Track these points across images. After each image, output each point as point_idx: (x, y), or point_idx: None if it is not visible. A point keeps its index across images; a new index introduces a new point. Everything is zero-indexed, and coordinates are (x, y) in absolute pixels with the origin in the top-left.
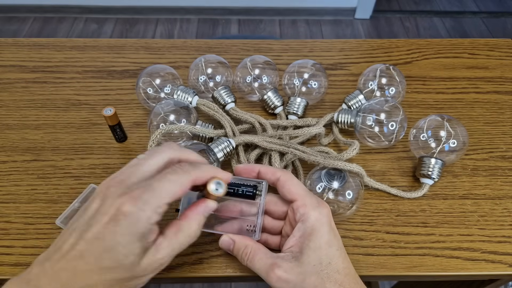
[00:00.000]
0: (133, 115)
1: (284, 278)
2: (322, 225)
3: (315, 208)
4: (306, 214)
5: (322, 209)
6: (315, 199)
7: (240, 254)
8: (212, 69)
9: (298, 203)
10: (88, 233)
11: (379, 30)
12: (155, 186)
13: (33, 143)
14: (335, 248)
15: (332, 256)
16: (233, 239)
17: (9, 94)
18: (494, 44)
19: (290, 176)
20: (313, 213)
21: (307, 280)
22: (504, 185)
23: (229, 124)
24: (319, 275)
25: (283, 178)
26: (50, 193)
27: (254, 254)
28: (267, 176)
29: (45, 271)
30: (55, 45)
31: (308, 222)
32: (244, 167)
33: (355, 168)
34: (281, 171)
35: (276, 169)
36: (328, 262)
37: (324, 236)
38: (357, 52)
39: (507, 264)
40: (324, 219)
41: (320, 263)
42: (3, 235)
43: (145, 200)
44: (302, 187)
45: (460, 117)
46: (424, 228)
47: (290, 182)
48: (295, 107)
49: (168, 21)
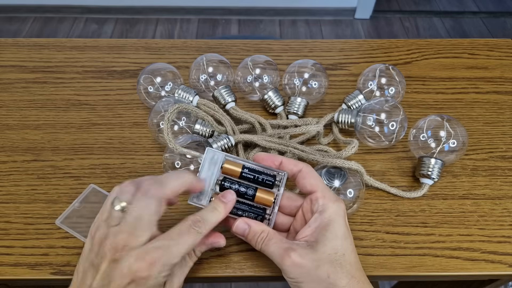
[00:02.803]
0: (133, 115)
1: (299, 263)
2: (339, 217)
3: (334, 201)
4: (325, 205)
5: (340, 204)
6: (333, 194)
7: (256, 238)
8: (213, 68)
9: (317, 194)
10: None
11: (379, 30)
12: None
13: (33, 143)
14: (349, 242)
15: (347, 248)
16: (249, 224)
17: (9, 94)
18: (494, 44)
19: (312, 169)
20: (332, 205)
21: (321, 268)
22: (504, 185)
23: (229, 123)
24: (333, 264)
25: (305, 169)
26: (50, 193)
27: (270, 238)
28: (289, 167)
29: None
30: (55, 45)
31: (327, 213)
32: (267, 155)
33: (354, 165)
34: (303, 163)
35: (298, 161)
36: (343, 253)
37: (341, 228)
38: (357, 52)
39: (506, 264)
40: (341, 212)
41: (335, 253)
42: (3, 235)
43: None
44: (322, 181)
45: (460, 117)
46: (424, 228)
47: (312, 174)
48: (296, 107)
49: (168, 21)
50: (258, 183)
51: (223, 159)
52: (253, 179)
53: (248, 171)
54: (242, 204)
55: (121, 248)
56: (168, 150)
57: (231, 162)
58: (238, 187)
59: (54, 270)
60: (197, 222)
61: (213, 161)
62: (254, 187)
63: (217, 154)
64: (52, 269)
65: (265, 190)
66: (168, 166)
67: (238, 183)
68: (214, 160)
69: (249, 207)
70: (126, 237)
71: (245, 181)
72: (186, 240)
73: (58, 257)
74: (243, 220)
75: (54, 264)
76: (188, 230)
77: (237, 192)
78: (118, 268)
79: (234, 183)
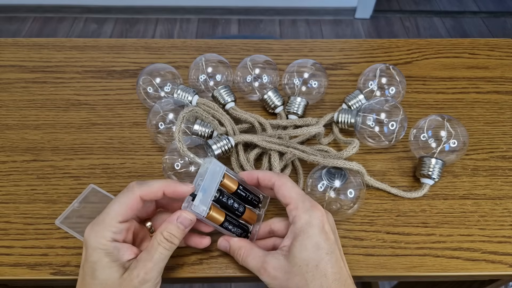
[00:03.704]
0: (133, 115)
1: (272, 275)
2: (310, 227)
3: (306, 211)
4: (296, 217)
5: (314, 212)
6: (308, 202)
7: (235, 255)
8: (212, 68)
9: (290, 206)
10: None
11: (379, 30)
12: (106, 210)
13: (32, 143)
14: (324, 251)
15: (320, 259)
16: (229, 241)
17: (9, 94)
18: (494, 44)
19: (284, 180)
20: (303, 215)
21: (291, 280)
22: (504, 185)
23: (229, 123)
24: (304, 277)
25: (277, 183)
26: (50, 193)
27: (248, 254)
28: (264, 182)
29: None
30: (55, 45)
31: (298, 223)
32: (246, 175)
33: (355, 166)
34: (276, 176)
35: (272, 174)
36: (315, 264)
37: (312, 238)
38: (357, 52)
39: (507, 264)
40: (314, 221)
41: (306, 265)
42: (3, 235)
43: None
44: (296, 191)
45: (460, 117)
46: (424, 228)
47: (284, 186)
48: (295, 107)
49: (168, 21)
50: (247, 201)
51: (223, 173)
52: (244, 197)
53: (242, 188)
54: (233, 219)
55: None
56: (168, 151)
57: (230, 178)
58: (233, 202)
59: (54, 270)
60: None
61: (215, 173)
62: (244, 205)
63: (219, 167)
64: (52, 269)
65: (250, 209)
66: (168, 168)
67: (232, 198)
68: (216, 172)
69: (238, 223)
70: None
71: (237, 198)
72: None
73: (57, 257)
74: (224, 238)
75: (54, 264)
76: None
77: (230, 207)
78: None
79: (230, 198)
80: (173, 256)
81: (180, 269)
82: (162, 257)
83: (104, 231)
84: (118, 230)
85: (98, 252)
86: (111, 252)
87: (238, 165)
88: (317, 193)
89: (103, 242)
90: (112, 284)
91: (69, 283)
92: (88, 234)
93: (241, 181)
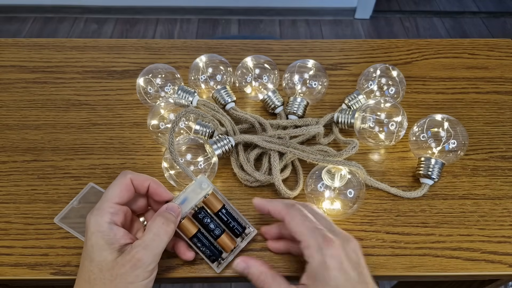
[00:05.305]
0: (133, 115)
1: None
2: (326, 270)
3: (318, 250)
4: (310, 257)
5: (327, 250)
6: (320, 237)
7: (255, 280)
8: (212, 68)
9: (302, 244)
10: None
11: (379, 30)
12: (103, 196)
13: (33, 144)
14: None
15: None
16: (248, 264)
17: (9, 94)
18: (494, 44)
19: (294, 215)
20: (316, 255)
21: None
22: (504, 185)
23: (229, 123)
24: None
25: (287, 218)
26: (50, 193)
27: (271, 283)
28: (275, 216)
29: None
30: (55, 45)
31: (312, 264)
32: (258, 204)
33: (354, 166)
34: (286, 209)
35: (282, 208)
36: None
37: (329, 283)
38: (357, 52)
39: (507, 264)
40: (329, 262)
41: None
42: (3, 235)
43: (98, 207)
44: (306, 225)
45: (460, 117)
46: (424, 228)
47: (293, 223)
48: (295, 107)
49: (168, 21)
50: (228, 227)
51: (210, 191)
52: (225, 222)
53: (225, 212)
54: (205, 238)
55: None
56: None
57: (215, 197)
58: (209, 221)
59: (54, 270)
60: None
61: (201, 188)
62: (222, 229)
63: (207, 184)
64: (52, 269)
65: (230, 236)
66: (168, 167)
67: (211, 218)
68: (201, 188)
69: (209, 244)
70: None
71: (218, 220)
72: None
73: (58, 257)
74: (241, 260)
75: (54, 264)
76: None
77: (206, 226)
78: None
79: (207, 217)
80: (173, 256)
81: (180, 269)
82: (154, 243)
83: (102, 214)
84: (115, 211)
85: (96, 235)
86: (108, 235)
87: (238, 165)
88: (317, 193)
89: (101, 223)
90: (106, 266)
91: (70, 283)
92: (89, 219)
93: (229, 205)
